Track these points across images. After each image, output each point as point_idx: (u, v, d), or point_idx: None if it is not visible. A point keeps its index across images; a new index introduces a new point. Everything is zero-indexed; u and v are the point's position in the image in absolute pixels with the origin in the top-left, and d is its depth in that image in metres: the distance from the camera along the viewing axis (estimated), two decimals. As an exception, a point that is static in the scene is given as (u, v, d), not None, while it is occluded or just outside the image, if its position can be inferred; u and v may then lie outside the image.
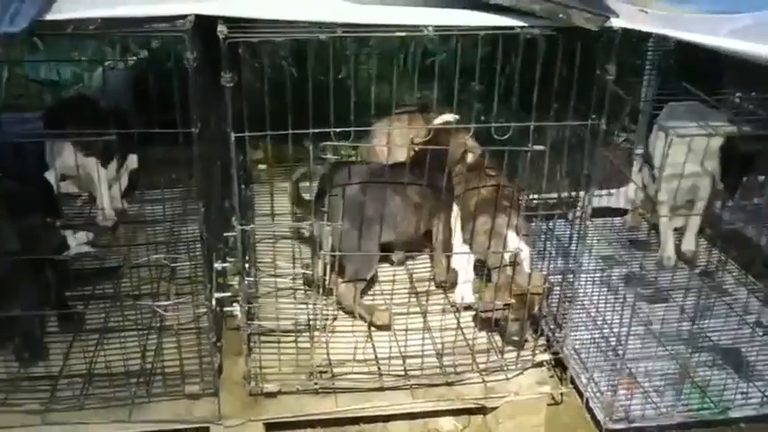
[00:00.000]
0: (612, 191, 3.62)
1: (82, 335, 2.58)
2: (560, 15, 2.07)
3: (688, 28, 2.16)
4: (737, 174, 3.19)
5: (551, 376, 2.72)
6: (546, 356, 2.63)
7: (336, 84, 2.19)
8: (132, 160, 3.39)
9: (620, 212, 3.68)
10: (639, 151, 3.66)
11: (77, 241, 3.05)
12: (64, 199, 3.26)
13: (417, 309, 2.80)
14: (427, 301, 2.74)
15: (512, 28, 2.12)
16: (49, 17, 1.90)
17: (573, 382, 2.70)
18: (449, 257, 2.96)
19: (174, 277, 2.87)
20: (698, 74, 3.10)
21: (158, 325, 2.38)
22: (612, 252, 3.41)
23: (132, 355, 2.43)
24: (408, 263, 3.17)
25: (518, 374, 2.59)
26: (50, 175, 3.07)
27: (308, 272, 2.70)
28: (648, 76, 3.63)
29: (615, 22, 2.09)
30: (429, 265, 3.12)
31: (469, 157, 2.94)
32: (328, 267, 2.42)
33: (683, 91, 2.98)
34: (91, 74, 4.51)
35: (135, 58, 4.16)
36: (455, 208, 2.99)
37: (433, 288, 2.93)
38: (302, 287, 2.79)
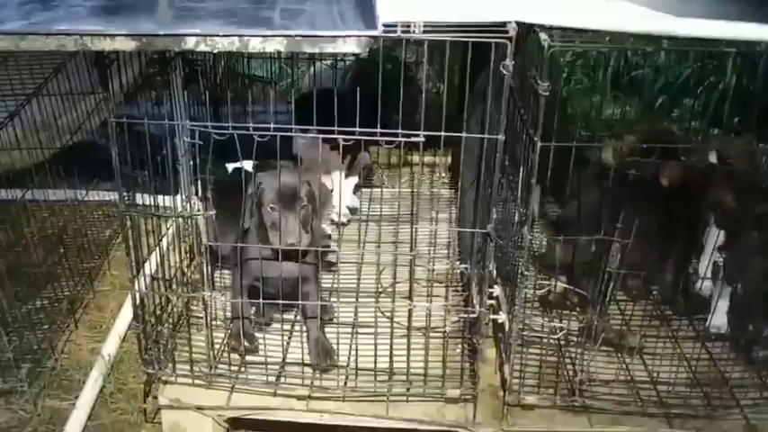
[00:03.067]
0: None
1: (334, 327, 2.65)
2: None
3: None
4: None
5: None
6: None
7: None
8: (365, 157, 3.46)
9: None
10: None
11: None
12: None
13: (667, 334, 2.72)
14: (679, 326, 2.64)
15: None
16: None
17: None
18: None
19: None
20: None
21: (424, 326, 2.38)
22: None
23: (388, 353, 2.46)
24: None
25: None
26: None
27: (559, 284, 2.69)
28: None
29: None
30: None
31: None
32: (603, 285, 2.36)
33: None
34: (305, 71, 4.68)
35: (351, 58, 4.24)
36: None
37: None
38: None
